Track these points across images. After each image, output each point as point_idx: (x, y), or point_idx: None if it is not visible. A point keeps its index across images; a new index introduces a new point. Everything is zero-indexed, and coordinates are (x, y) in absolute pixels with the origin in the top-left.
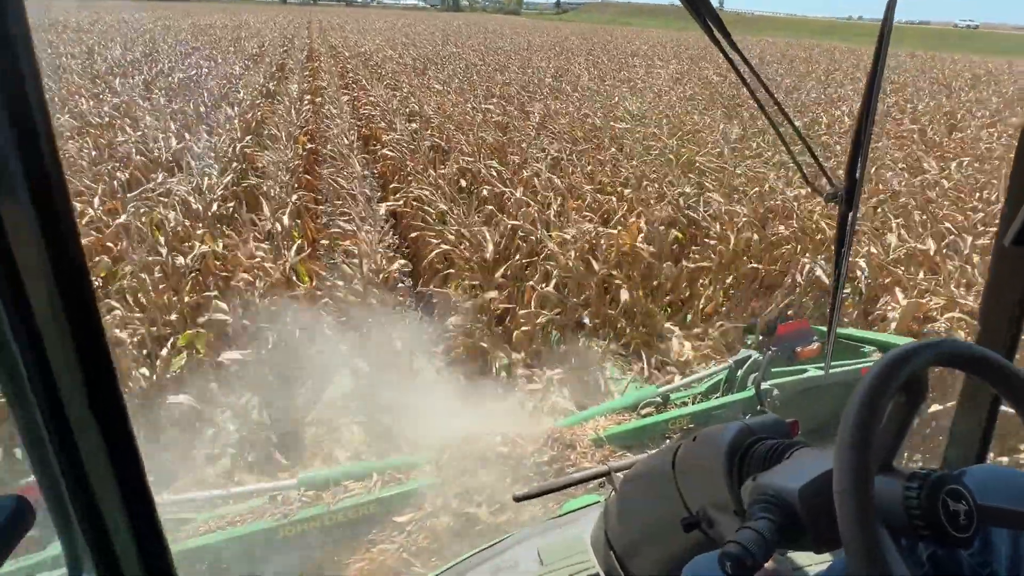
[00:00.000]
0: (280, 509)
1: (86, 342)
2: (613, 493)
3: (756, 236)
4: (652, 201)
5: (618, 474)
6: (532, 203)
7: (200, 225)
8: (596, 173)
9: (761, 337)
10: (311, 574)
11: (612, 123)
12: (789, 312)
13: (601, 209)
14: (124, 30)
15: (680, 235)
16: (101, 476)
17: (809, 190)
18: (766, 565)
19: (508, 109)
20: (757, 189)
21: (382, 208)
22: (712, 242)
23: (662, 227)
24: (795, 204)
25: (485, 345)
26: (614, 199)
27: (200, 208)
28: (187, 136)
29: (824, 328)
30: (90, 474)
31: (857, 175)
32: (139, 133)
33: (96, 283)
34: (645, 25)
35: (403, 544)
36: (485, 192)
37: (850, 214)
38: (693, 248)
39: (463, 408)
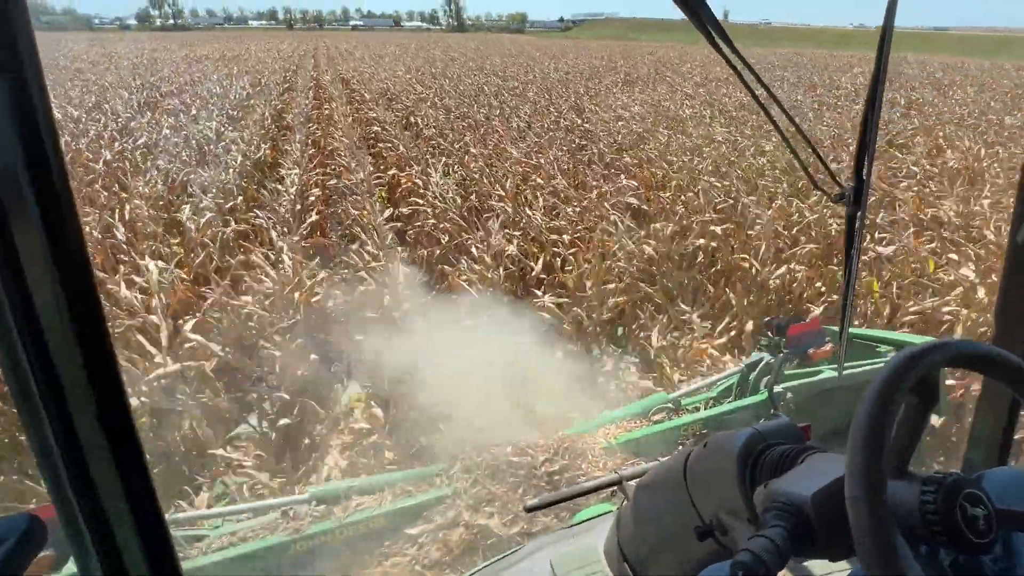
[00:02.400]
0: (292, 524)
1: (96, 363)
2: (625, 502)
3: None
4: None
5: (630, 482)
6: None
7: None
8: None
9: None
10: None
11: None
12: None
13: None
14: (101, 68)
15: None
16: (112, 495)
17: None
18: (782, 574)
19: (683, 214)
20: None
21: None
22: None
23: None
24: None
25: None
26: None
27: None
28: None
29: (835, 328)
30: (101, 493)
31: (864, 175)
32: None
33: None
34: (653, 39)
35: (415, 556)
36: None
37: (858, 214)
38: None
39: None
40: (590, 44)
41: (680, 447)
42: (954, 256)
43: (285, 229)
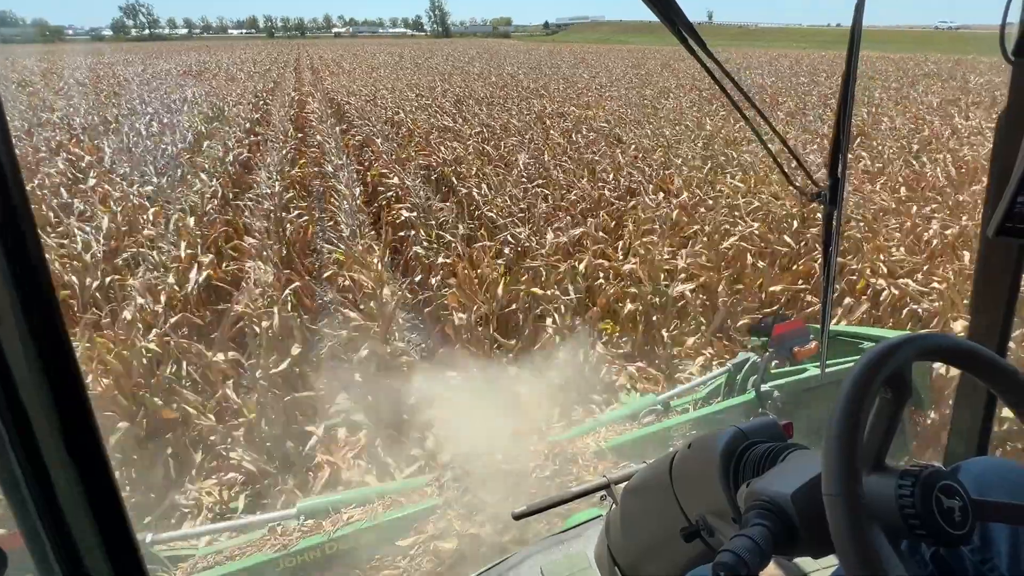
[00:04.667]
0: (280, 540)
1: (60, 381)
2: (614, 506)
3: None
4: None
5: (618, 486)
6: None
7: None
8: None
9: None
10: None
11: None
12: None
13: None
14: (27, 91)
15: None
16: (80, 520)
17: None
18: (772, 570)
19: None
20: None
21: None
22: None
23: None
24: None
25: None
26: None
27: None
28: None
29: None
30: (69, 518)
31: (839, 173)
32: None
33: None
34: (642, 42)
35: (407, 569)
36: None
37: (835, 212)
38: None
39: None
40: (590, 48)
41: (671, 448)
42: None
43: None
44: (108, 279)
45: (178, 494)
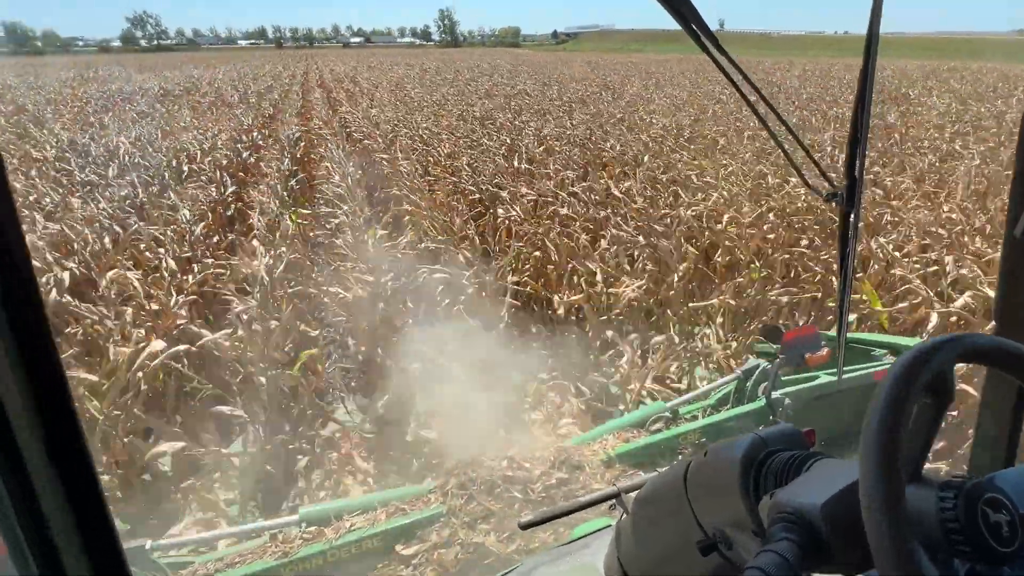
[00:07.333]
0: (281, 547)
1: (42, 380)
2: (624, 515)
3: None
4: None
5: (628, 495)
6: None
7: None
8: None
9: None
10: None
11: None
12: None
13: None
14: None
15: None
16: (62, 522)
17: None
18: None
19: None
20: None
21: None
22: None
23: None
24: None
25: None
26: None
27: None
28: None
29: (830, 333)
30: (50, 521)
31: (856, 174)
32: None
33: None
34: (661, 51)
35: None
36: None
37: (852, 213)
38: None
39: None
40: (621, 59)
41: (680, 456)
42: None
43: None
44: None
45: None
